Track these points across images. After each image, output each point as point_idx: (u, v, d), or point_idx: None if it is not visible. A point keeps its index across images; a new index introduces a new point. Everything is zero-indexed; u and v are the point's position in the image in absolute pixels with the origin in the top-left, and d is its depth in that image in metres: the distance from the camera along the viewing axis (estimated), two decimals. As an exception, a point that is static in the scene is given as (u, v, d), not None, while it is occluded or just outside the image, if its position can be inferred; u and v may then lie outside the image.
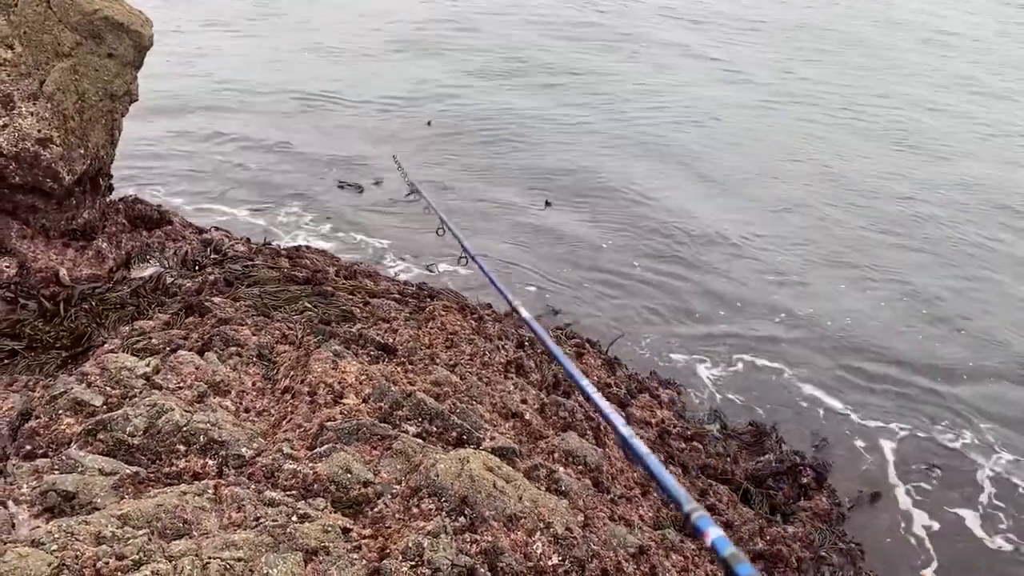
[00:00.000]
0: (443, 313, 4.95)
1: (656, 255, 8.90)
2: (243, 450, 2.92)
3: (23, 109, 4.63)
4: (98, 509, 2.40)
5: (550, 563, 2.63)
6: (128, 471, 2.67)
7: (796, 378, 6.79)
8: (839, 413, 6.37)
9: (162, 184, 9.59)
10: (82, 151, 4.94)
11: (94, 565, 2.05)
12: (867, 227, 10.06)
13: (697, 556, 3.51)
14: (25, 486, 2.53)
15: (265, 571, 2.12)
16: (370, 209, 9.47)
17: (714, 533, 1.46)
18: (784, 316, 7.79)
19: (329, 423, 3.17)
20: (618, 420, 2.00)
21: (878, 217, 10.38)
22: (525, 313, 2.91)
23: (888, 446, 6.02)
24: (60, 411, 3.04)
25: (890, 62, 18.92)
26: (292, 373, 3.69)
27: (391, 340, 4.32)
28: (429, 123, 12.36)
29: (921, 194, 11.21)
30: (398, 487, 2.80)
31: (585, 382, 2.24)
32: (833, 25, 22.61)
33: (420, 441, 3.17)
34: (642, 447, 1.84)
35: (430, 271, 7.93)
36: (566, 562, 2.66)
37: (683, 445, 5.10)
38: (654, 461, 1.77)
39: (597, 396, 2.14)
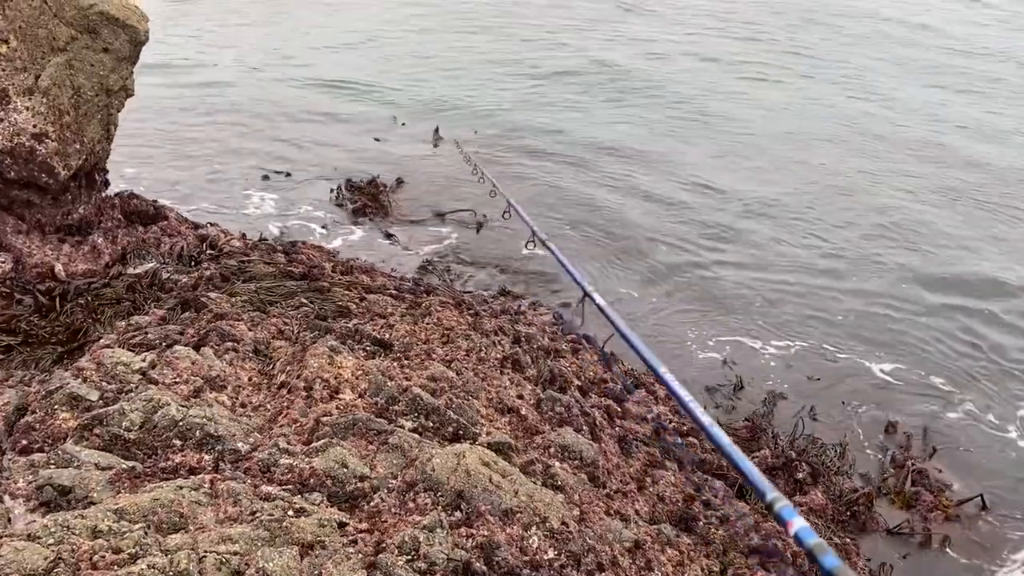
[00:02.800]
0: (439, 309, 4.96)
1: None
2: (239, 445, 2.93)
3: (18, 104, 4.62)
4: (94, 503, 2.40)
5: (546, 557, 2.64)
6: (124, 465, 2.67)
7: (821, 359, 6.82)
8: (861, 397, 6.38)
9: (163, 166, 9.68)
10: (77, 146, 4.93)
11: (90, 559, 2.05)
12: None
13: (693, 551, 3.52)
14: (21, 480, 2.54)
15: (261, 565, 2.12)
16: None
17: (798, 523, 1.44)
18: (789, 307, 7.80)
19: (325, 418, 3.17)
20: (697, 410, 2.01)
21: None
22: (600, 300, 2.84)
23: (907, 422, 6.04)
24: (56, 406, 3.04)
25: None
26: (288, 368, 3.69)
27: (387, 335, 4.32)
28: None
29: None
30: (394, 482, 2.80)
31: (664, 370, 2.25)
32: None
33: (416, 436, 3.17)
34: (723, 437, 1.85)
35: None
36: (562, 556, 2.67)
37: (679, 440, 5.10)
38: (736, 451, 1.77)
39: (677, 385, 2.15)
